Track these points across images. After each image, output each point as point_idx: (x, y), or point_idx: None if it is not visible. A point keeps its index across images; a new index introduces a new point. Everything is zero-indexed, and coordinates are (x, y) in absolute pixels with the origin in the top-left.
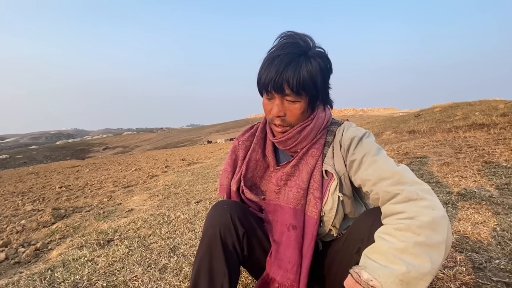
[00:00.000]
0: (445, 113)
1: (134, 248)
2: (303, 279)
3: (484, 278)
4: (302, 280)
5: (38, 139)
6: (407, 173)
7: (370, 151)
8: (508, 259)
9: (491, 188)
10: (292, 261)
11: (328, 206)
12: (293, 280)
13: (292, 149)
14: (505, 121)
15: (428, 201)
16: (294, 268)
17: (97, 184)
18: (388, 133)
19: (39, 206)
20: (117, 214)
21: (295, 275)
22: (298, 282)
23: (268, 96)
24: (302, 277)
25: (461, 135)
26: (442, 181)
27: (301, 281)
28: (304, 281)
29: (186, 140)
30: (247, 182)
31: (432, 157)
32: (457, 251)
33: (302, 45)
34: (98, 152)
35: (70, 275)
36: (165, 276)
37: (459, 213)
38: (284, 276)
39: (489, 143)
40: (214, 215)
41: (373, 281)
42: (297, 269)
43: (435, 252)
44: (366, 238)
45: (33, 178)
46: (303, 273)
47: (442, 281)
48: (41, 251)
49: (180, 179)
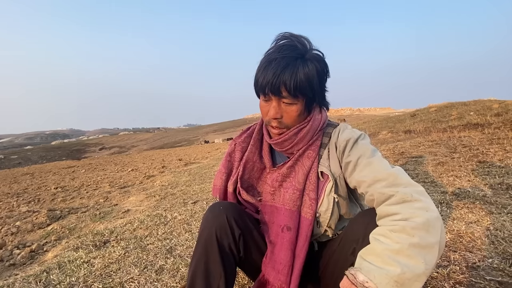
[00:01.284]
0: (440, 113)
1: (130, 249)
2: (294, 280)
3: (478, 277)
4: (293, 281)
5: (33, 139)
6: (401, 174)
7: (365, 153)
8: (501, 258)
9: (485, 187)
10: (283, 262)
11: (324, 207)
12: (284, 281)
13: (289, 150)
14: (499, 121)
15: (422, 203)
16: (285, 269)
17: (93, 185)
18: (384, 133)
19: (34, 207)
20: (113, 215)
21: (286, 276)
22: (288, 283)
23: (265, 98)
24: (293, 278)
25: (456, 135)
26: (437, 180)
27: (291, 283)
28: (295, 283)
29: (183, 140)
30: (243, 183)
31: (427, 156)
32: (451, 250)
33: (299, 48)
34: (94, 152)
35: (65, 277)
36: (161, 278)
37: (453, 212)
38: (276, 278)
39: (483, 143)
40: (210, 216)
41: (368, 283)
42: (288, 270)
43: (429, 253)
44: (361, 239)
45: (28, 178)
46: (295, 274)
47: (436, 280)
48: (36, 253)
49: (177, 180)
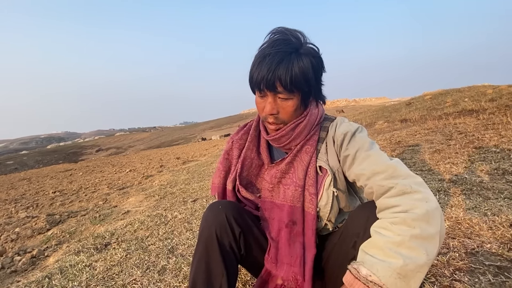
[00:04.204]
0: (435, 100)
1: (132, 250)
2: (308, 271)
3: (477, 262)
4: (307, 272)
5: (28, 144)
6: (400, 166)
7: (363, 146)
8: (500, 243)
9: (482, 173)
10: (294, 255)
11: (323, 202)
12: (298, 273)
13: (286, 146)
14: (494, 106)
15: (422, 194)
16: (297, 261)
17: (92, 187)
18: (380, 123)
19: (33, 212)
20: (113, 217)
21: (299, 267)
22: (303, 274)
23: (260, 94)
24: (307, 269)
25: (451, 122)
26: (434, 168)
27: (306, 274)
28: (309, 274)
29: (180, 138)
30: (242, 180)
31: (424, 145)
32: (450, 237)
33: (293, 42)
34: (91, 154)
35: (68, 281)
36: (164, 278)
37: (451, 199)
38: (289, 270)
39: (478, 129)
40: (210, 215)
41: (371, 276)
42: (300, 262)
43: (430, 244)
44: (362, 233)
45: (25, 184)
46: (308, 266)
47: (436, 268)
48: (37, 259)
49: (175, 178)
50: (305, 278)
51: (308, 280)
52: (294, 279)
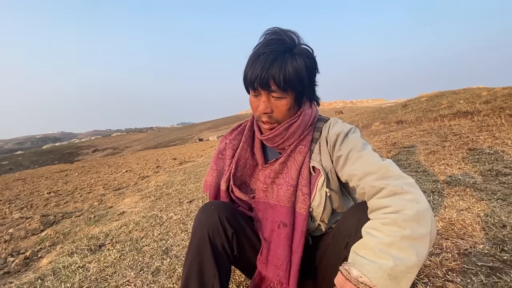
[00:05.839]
0: (431, 102)
1: (126, 252)
2: (293, 275)
3: (469, 263)
4: (292, 276)
5: (23, 144)
6: (392, 167)
7: (356, 147)
8: (492, 243)
9: (475, 174)
10: (281, 258)
11: (316, 202)
12: (283, 276)
13: (280, 146)
14: (488, 108)
15: (413, 195)
16: (283, 264)
17: (87, 188)
18: (376, 124)
19: (27, 213)
20: (108, 218)
21: (285, 271)
22: (288, 278)
23: (254, 93)
24: (292, 273)
25: (446, 124)
26: (428, 169)
27: (291, 277)
28: (294, 278)
29: (177, 139)
30: (236, 181)
31: (419, 146)
32: (443, 238)
33: (287, 42)
34: (87, 155)
35: (60, 283)
36: (158, 279)
37: (445, 200)
38: (275, 273)
39: (473, 131)
40: (202, 217)
41: (362, 278)
42: (286, 265)
43: (420, 245)
44: (353, 233)
45: (20, 184)
46: (293, 269)
47: (429, 268)
48: (31, 260)
49: (172, 179)
50: (289, 282)
51: (293, 284)
52: (279, 282)
